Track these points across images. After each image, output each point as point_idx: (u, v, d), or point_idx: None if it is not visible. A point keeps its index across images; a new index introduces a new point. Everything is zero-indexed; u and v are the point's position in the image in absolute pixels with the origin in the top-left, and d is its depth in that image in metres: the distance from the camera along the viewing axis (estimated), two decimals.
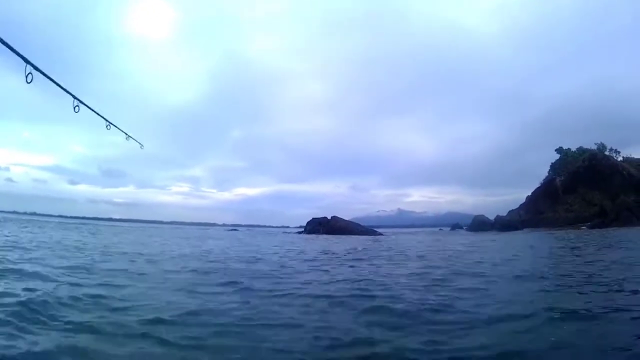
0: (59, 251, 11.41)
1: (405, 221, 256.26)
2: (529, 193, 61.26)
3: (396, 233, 51.60)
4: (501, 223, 51.89)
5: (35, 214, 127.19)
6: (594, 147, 57.78)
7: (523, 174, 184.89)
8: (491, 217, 55.80)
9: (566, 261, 10.26)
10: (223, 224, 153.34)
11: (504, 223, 51.61)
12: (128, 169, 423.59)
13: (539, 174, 64.80)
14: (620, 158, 56.77)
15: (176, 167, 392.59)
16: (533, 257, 11.95)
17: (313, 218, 60.43)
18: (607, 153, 57.08)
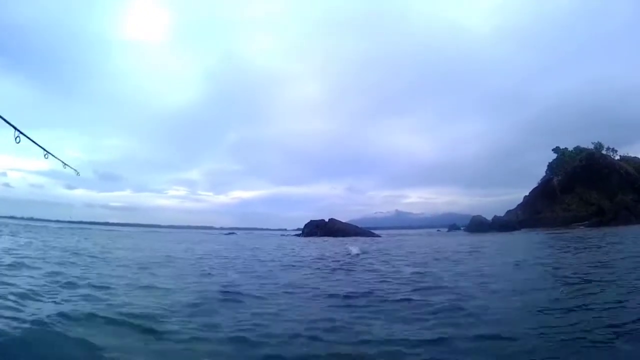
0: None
1: (402, 222, 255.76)
2: (527, 193, 61.21)
3: (393, 235, 51.28)
4: (499, 223, 51.57)
5: (32, 219, 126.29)
6: (591, 147, 57.69)
7: (521, 174, 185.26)
8: (488, 218, 55.47)
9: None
10: (220, 228, 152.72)
11: (502, 223, 51.30)
12: (124, 173, 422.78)
13: (537, 174, 64.75)
14: (617, 157, 56.65)
15: (172, 171, 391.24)
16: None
17: (310, 220, 60.19)
18: (605, 152, 56.91)
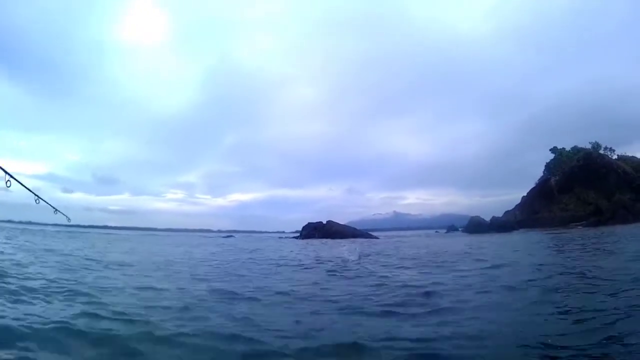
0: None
1: (401, 224, 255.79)
2: (525, 193, 61.13)
3: (391, 236, 51.08)
4: (497, 224, 51.42)
5: (30, 223, 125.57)
6: (589, 146, 57.64)
7: (519, 175, 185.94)
8: (487, 218, 55.33)
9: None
10: (218, 230, 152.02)
11: (500, 224, 51.16)
12: (122, 176, 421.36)
13: (535, 174, 64.76)
14: (615, 156, 56.54)
15: (170, 174, 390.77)
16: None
17: (308, 223, 60.14)
18: (602, 152, 56.84)
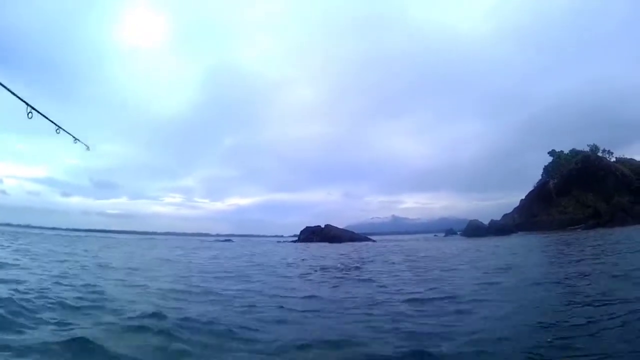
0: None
1: (399, 228, 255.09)
2: (523, 196, 61.03)
3: (389, 240, 50.85)
4: (495, 227, 51.28)
5: (29, 226, 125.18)
6: (587, 149, 57.53)
7: (518, 176, 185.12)
8: (485, 222, 55.13)
9: None
10: (216, 234, 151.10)
11: (499, 227, 50.99)
12: (120, 180, 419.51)
13: (534, 177, 64.62)
14: (613, 159, 56.38)
15: (168, 177, 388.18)
16: None
17: (306, 227, 60.08)
18: (600, 154, 56.68)
